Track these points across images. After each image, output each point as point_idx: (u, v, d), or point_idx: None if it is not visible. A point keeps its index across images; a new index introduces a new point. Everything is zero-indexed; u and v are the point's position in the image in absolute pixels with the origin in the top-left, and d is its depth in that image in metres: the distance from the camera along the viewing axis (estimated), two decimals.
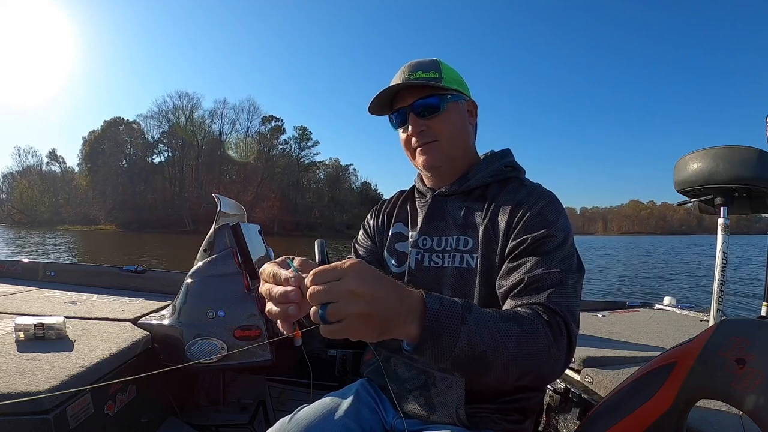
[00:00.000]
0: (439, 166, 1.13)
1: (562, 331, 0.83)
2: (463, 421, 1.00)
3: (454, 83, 1.11)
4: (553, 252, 0.93)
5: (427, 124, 1.09)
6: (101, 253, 23.18)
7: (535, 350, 0.79)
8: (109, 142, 72.31)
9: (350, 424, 1.06)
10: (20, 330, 1.55)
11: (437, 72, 1.09)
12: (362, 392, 1.16)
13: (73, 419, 1.29)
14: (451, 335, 0.72)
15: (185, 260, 2.25)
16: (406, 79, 1.08)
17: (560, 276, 0.89)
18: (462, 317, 0.73)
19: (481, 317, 0.76)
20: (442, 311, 0.72)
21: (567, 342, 0.84)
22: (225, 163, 74.90)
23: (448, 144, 1.11)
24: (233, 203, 2.23)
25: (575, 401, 1.55)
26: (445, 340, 0.72)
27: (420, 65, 1.09)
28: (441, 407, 1.03)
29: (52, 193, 79.61)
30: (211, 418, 2.03)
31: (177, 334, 1.75)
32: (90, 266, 2.97)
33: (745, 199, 1.88)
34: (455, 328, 0.72)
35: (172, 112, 73.70)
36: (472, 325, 0.74)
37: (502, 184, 1.12)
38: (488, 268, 1.01)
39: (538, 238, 0.94)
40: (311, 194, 79.99)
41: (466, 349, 0.73)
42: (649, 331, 2.18)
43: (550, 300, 0.86)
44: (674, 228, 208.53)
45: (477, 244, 1.04)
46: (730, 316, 1.01)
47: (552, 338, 0.81)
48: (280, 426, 1.05)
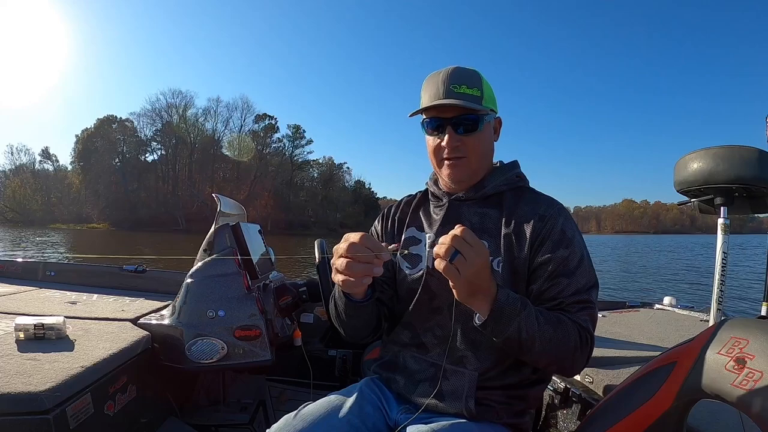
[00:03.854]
0: (462, 181, 1.19)
1: (587, 341, 1.03)
2: (471, 411, 1.05)
3: (490, 102, 1.15)
4: (577, 270, 1.07)
5: (462, 140, 1.13)
6: (93, 251, 23.01)
7: (563, 349, 1.00)
8: (102, 141, 71.80)
9: (354, 421, 1.08)
10: (20, 330, 1.54)
11: (479, 90, 1.12)
12: (366, 390, 1.18)
13: (73, 419, 1.29)
14: (508, 321, 0.95)
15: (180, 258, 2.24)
16: (449, 89, 1.09)
17: (586, 297, 1.06)
18: (519, 311, 0.95)
19: (531, 314, 0.97)
20: (506, 303, 0.95)
21: (589, 349, 1.04)
22: (218, 162, 74.62)
23: (476, 161, 1.17)
24: (233, 203, 2.23)
25: (575, 401, 1.56)
26: (504, 324, 0.95)
27: (464, 77, 1.11)
28: (450, 397, 1.08)
29: (45, 192, 78.92)
30: (211, 418, 2.03)
31: (177, 334, 1.75)
32: (90, 266, 2.95)
33: (745, 199, 1.88)
34: (512, 317, 0.95)
35: (165, 110, 73.57)
36: (523, 319, 0.95)
37: (515, 192, 1.20)
38: (511, 272, 1.10)
39: (564, 256, 1.07)
40: (305, 193, 79.75)
41: (515, 334, 0.95)
42: (649, 331, 2.18)
43: (581, 318, 1.03)
44: (668, 227, 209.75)
45: (497, 248, 1.11)
46: (730, 316, 1.02)
47: (579, 344, 1.01)
48: (285, 422, 1.07)
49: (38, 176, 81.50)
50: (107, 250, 22.61)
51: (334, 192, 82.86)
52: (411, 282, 1.18)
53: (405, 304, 1.20)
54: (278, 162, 77.63)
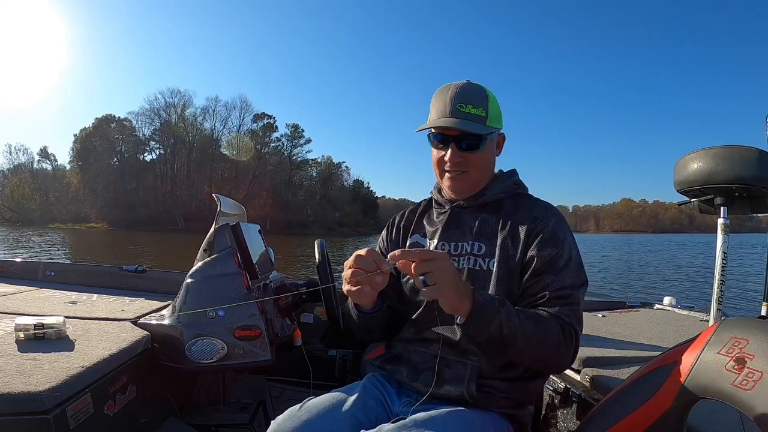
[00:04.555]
0: (464, 192, 1.26)
1: (571, 336, 1.07)
2: (472, 395, 1.09)
3: (495, 120, 1.20)
4: (564, 269, 1.11)
5: (464, 156, 1.19)
6: (92, 254, 23.00)
7: (546, 343, 1.03)
8: (101, 140, 71.62)
9: (358, 414, 1.11)
10: (20, 330, 1.54)
11: (485, 109, 1.17)
12: (369, 386, 1.22)
13: (73, 419, 1.29)
14: (489, 319, 0.99)
15: (177, 258, 2.23)
16: (455, 109, 1.15)
17: (571, 293, 1.10)
18: (498, 308, 1.00)
19: (511, 312, 1.02)
20: (485, 302, 0.99)
21: (574, 344, 1.08)
22: (216, 161, 74.51)
23: (476, 176, 1.23)
24: (233, 203, 2.22)
25: (575, 401, 1.56)
26: (485, 322, 0.99)
27: (470, 96, 1.16)
28: (452, 382, 1.12)
29: (43, 191, 78.67)
30: (211, 418, 2.03)
31: (177, 334, 1.75)
32: (90, 266, 2.95)
33: (745, 199, 1.89)
34: (492, 315, 0.99)
35: (163, 109, 73.31)
36: (503, 316, 1.00)
37: (514, 199, 1.26)
38: (505, 271, 1.15)
39: (552, 255, 1.12)
40: (303, 192, 79.63)
41: (497, 330, 0.99)
42: (649, 331, 2.19)
43: (563, 313, 1.07)
44: (666, 226, 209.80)
45: (493, 250, 1.18)
46: (730, 316, 1.03)
47: (562, 338, 1.05)
48: (290, 414, 1.11)
49: (37, 176, 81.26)
50: (106, 251, 22.63)
51: (333, 191, 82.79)
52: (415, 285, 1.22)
53: (410, 305, 1.25)
54: (277, 161, 77.51)
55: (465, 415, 1.06)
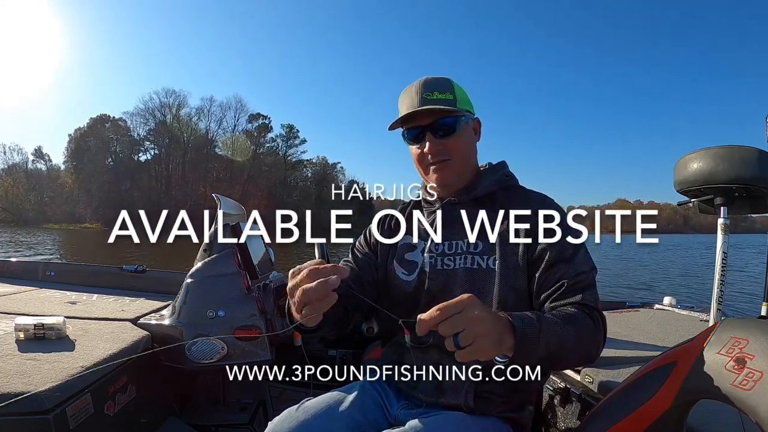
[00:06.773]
0: (451, 183, 1.22)
1: (599, 320, 1.05)
2: (470, 405, 1.08)
3: (465, 104, 1.18)
4: (575, 256, 1.09)
5: (443, 143, 1.17)
6: (84, 252, 22.85)
7: (586, 341, 1.01)
8: (95, 140, 71.15)
9: (355, 415, 1.11)
10: (20, 330, 1.54)
11: (452, 93, 1.16)
12: (367, 387, 1.21)
13: (73, 419, 1.29)
14: (534, 344, 0.89)
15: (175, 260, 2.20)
16: (422, 98, 1.13)
17: (587, 277, 1.08)
18: (538, 327, 0.91)
19: (549, 325, 0.94)
20: (525, 327, 0.89)
21: (603, 328, 1.06)
22: (211, 161, 74.18)
23: (460, 162, 1.20)
24: (233, 203, 2.22)
25: (575, 401, 1.56)
26: (532, 349, 0.89)
27: (435, 85, 1.16)
28: (450, 391, 1.11)
29: (38, 191, 78.13)
30: (211, 418, 2.03)
31: (177, 334, 1.75)
32: (90, 266, 2.95)
33: (745, 199, 1.89)
34: (536, 337, 0.90)
35: (158, 109, 72.68)
36: (545, 333, 0.91)
37: (507, 191, 1.22)
38: (508, 268, 1.11)
39: (561, 244, 1.09)
40: (298, 192, 79.40)
41: (544, 350, 0.91)
42: (649, 331, 2.18)
43: (587, 299, 1.05)
44: (661, 227, 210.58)
45: (491, 246, 1.14)
46: (730, 316, 1.03)
47: (594, 328, 1.03)
48: (287, 414, 1.11)
49: (31, 176, 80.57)
50: (102, 251, 22.48)
51: (328, 192, 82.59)
52: (408, 287, 1.21)
53: (402, 308, 1.18)
54: (272, 161, 77.16)
55: (464, 421, 1.05)
